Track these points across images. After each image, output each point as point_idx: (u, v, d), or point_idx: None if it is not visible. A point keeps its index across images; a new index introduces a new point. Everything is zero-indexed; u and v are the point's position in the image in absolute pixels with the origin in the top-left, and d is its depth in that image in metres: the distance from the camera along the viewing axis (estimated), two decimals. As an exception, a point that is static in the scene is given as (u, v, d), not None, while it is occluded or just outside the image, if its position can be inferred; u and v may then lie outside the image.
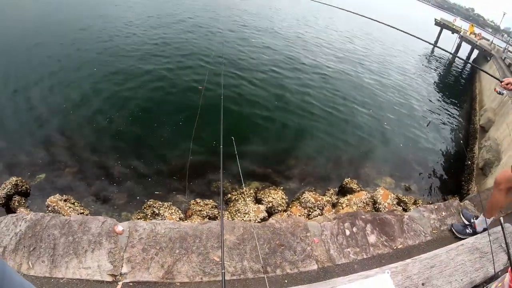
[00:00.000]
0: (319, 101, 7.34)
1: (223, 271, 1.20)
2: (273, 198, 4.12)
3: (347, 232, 2.24)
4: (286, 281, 1.80)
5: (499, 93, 2.41)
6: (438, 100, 10.56)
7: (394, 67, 12.87)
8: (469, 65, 17.65)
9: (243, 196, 4.26)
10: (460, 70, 17.38)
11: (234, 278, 1.73)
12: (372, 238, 2.26)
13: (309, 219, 2.89)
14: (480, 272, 1.93)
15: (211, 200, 4.06)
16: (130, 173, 4.37)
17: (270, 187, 4.47)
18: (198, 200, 4.04)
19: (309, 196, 4.15)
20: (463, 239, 2.39)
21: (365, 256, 2.13)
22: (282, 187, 4.52)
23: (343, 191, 4.70)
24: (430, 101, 10.16)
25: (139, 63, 7.30)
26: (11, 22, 8.74)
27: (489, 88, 9.38)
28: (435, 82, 13.20)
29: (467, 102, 11.20)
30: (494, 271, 1.88)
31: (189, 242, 1.87)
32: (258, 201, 4.20)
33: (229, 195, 4.29)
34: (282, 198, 4.18)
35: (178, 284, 1.66)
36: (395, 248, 2.27)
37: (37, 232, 1.88)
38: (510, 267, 1.31)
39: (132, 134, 5.02)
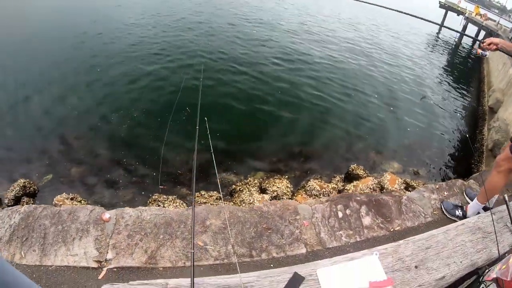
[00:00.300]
0: (323, 91, 7.17)
1: (192, 251, 1.18)
2: (277, 187, 4.05)
3: (340, 215, 2.16)
4: (272, 265, 1.74)
5: (482, 54, 2.36)
6: (446, 83, 10.12)
7: (400, 52, 12.40)
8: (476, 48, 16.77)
9: (248, 186, 4.23)
10: (467, 52, 16.60)
11: (217, 263, 1.70)
12: (366, 220, 2.17)
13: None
14: (483, 254, 1.79)
15: (215, 192, 4.06)
16: (135, 170, 4.43)
17: (275, 177, 4.42)
18: (203, 192, 4.05)
19: (314, 183, 4.05)
20: (454, 220, 2.27)
21: (358, 239, 2.04)
22: (287, 176, 4.45)
23: (350, 177, 4.56)
24: (438, 84, 9.74)
25: (140, 63, 7.38)
26: (11, 27, 8.99)
27: (497, 69, 8.94)
28: (442, 65, 12.65)
29: (475, 84, 10.70)
30: (498, 253, 1.73)
31: (173, 227, 1.86)
32: (262, 190, 4.15)
33: (234, 186, 4.28)
34: (287, 186, 4.10)
35: (161, 269, 1.66)
36: (391, 230, 2.16)
37: (29, 223, 1.94)
38: None
39: (136, 133, 5.09)
